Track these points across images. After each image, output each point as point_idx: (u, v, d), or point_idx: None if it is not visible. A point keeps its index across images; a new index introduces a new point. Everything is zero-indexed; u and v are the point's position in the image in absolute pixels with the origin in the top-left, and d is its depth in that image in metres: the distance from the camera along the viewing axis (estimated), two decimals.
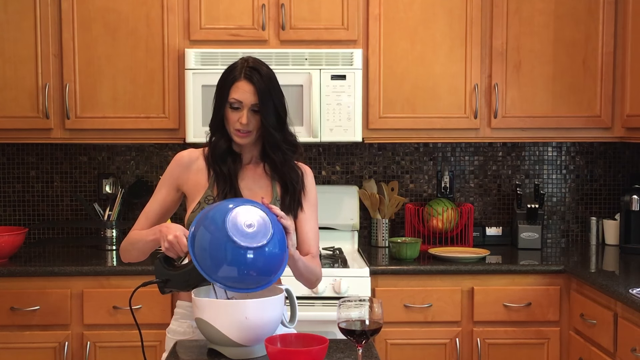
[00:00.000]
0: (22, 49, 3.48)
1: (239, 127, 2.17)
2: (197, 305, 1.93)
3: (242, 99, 2.16)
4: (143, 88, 3.51)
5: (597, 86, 3.57)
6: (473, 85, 3.54)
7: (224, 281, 1.89)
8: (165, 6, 3.48)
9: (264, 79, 2.17)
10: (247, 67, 2.18)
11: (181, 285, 1.98)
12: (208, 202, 2.19)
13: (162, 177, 2.32)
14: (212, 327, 1.89)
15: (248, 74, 2.16)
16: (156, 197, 2.30)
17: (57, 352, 3.27)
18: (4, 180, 3.89)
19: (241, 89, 2.16)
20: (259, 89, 2.15)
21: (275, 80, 2.21)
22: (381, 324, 1.85)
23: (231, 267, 1.87)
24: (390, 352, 3.30)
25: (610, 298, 2.90)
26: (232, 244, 1.86)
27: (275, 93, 2.18)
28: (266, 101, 2.16)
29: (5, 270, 3.25)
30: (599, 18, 3.55)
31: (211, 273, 1.89)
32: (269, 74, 2.19)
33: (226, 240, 1.86)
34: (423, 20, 3.53)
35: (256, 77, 2.16)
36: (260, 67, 2.19)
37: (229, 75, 2.20)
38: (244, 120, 2.16)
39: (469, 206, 3.77)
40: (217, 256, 1.87)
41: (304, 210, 2.29)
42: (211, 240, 1.88)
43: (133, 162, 3.91)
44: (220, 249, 1.87)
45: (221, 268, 1.87)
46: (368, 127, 3.55)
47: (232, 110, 2.18)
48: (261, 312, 1.88)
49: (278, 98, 2.19)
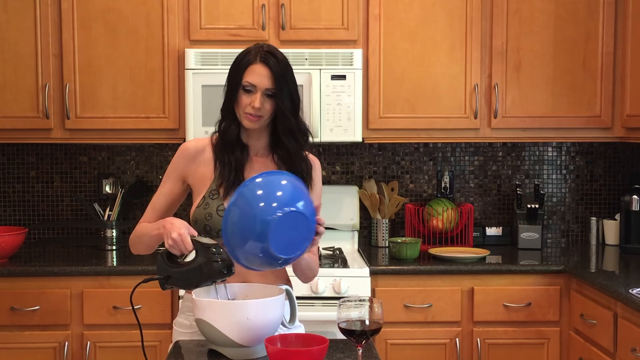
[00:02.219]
0: (22, 49, 3.48)
1: (250, 111, 2.14)
2: (197, 305, 1.93)
3: (256, 82, 2.13)
4: (143, 88, 3.51)
5: (597, 86, 3.57)
6: (473, 86, 3.54)
7: (249, 254, 1.89)
8: (165, 6, 3.48)
9: (280, 63, 2.14)
10: (263, 51, 2.15)
11: (182, 283, 1.97)
12: (213, 198, 2.16)
13: (168, 169, 2.29)
14: (212, 328, 1.89)
15: (264, 58, 2.13)
16: (162, 189, 2.28)
17: (57, 352, 3.27)
18: (4, 180, 3.89)
19: (256, 72, 2.13)
20: (275, 73, 2.12)
21: (290, 67, 2.18)
22: (381, 324, 1.85)
23: (256, 242, 1.87)
24: (390, 352, 3.30)
25: (610, 298, 2.90)
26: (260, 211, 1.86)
27: (290, 78, 2.16)
28: (282, 85, 2.13)
29: (5, 270, 3.25)
30: (599, 18, 3.55)
31: (237, 248, 1.89)
32: (284, 60, 2.17)
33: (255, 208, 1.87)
34: (423, 20, 3.53)
35: (272, 61, 2.13)
36: (276, 52, 2.17)
37: (243, 58, 2.17)
38: (257, 104, 2.12)
39: (469, 206, 3.77)
40: (245, 228, 1.87)
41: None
42: (240, 214, 1.88)
43: (133, 162, 3.91)
44: (249, 220, 1.87)
45: (248, 242, 1.87)
46: (368, 127, 3.55)
47: (244, 93, 2.15)
48: (262, 312, 1.88)
49: (293, 84, 2.17)
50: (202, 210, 2.17)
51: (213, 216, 2.15)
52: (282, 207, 1.89)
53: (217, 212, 2.15)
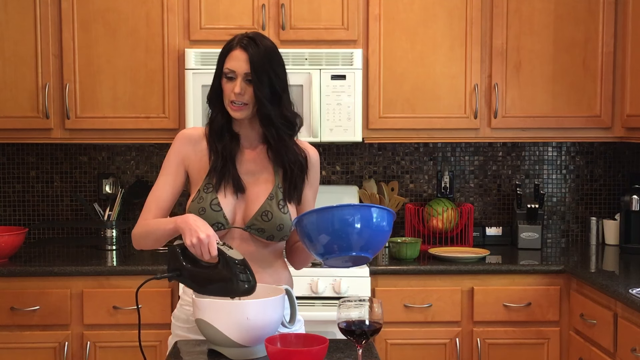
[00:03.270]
0: (22, 49, 3.48)
1: (233, 99, 2.10)
2: (197, 305, 1.92)
3: (235, 67, 2.11)
4: (143, 88, 3.51)
5: (597, 86, 3.57)
6: (473, 86, 3.54)
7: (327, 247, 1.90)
8: (165, 6, 3.48)
9: (260, 49, 2.11)
10: (245, 36, 2.13)
11: (195, 285, 1.94)
12: (207, 191, 2.13)
13: (167, 159, 2.23)
14: (212, 328, 1.89)
15: (244, 43, 2.11)
16: (166, 180, 2.20)
17: (57, 352, 3.27)
18: (4, 180, 3.89)
19: (235, 57, 2.11)
20: (252, 58, 2.09)
21: (275, 53, 2.14)
22: (381, 324, 1.85)
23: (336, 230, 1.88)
24: (390, 352, 3.30)
25: (610, 298, 2.90)
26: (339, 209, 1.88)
27: (272, 65, 2.11)
28: (260, 71, 2.09)
29: (5, 270, 3.25)
30: (599, 18, 3.55)
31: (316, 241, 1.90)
32: (267, 46, 2.13)
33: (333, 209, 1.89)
34: (423, 20, 3.53)
35: (252, 46, 2.10)
36: (259, 38, 2.13)
37: (226, 46, 2.16)
38: (237, 90, 2.09)
39: (469, 206, 3.77)
40: (324, 222, 1.89)
41: (305, 196, 2.22)
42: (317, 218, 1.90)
43: (133, 162, 3.91)
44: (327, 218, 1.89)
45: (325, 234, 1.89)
46: (368, 127, 3.55)
47: (227, 81, 2.12)
48: (262, 312, 1.88)
49: (274, 70, 2.12)
50: (196, 204, 2.13)
51: (207, 211, 2.11)
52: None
53: (211, 207, 2.11)
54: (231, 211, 2.14)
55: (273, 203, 2.15)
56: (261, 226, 2.14)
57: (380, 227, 1.91)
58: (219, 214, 2.12)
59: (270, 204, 2.14)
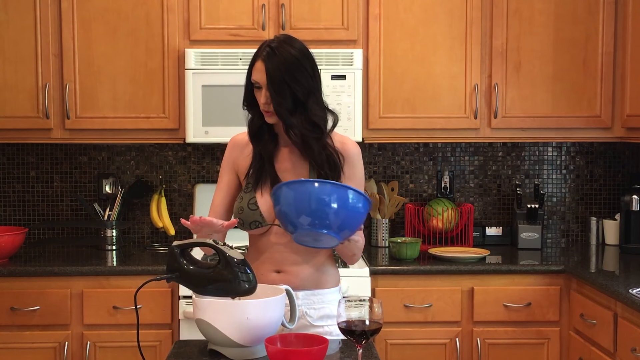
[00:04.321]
0: (22, 49, 3.48)
1: (261, 107, 2.17)
2: (197, 306, 1.93)
3: (258, 79, 2.15)
4: (143, 88, 3.51)
5: (597, 86, 3.57)
6: (473, 85, 3.54)
7: (304, 226, 1.92)
8: (165, 6, 3.48)
9: (278, 60, 2.12)
10: (268, 45, 2.16)
11: (193, 285, 1.95)
12: (247, 191, 2.22)
13: (222, 165, 2.33)
14: (212, 328, 1.89)
15: (264, 54, 2.14)
16: (220, 186, 2.30)
17: (57, 352, 3.27)
18: (4, 180, 3.89)
19: (257, 69, 2.16)
20: (268, 70, 2.12)
21: (295, 60, 2.13)
22: (381, 324, 1.85)
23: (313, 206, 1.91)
24: (390, 352, 3.30)
25: (610, 298, 2.90)
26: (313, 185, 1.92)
27: (291, 74, 2.11)
28: (277, 84, 2.11)
29: (5, 270, 3.25)
30: (599, 18, 3.55)
31: (294, 219, 1.92)
32: (287, 55, 2.12)
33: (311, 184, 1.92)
34: (423, 20, 3.53)
35: (270, 58, 2.13)
36: (282, 47, 2.14)
37: (255, 52, 2.20)
38: (262, 100, 2.14)
39: (469, 206, 3.77)
40: (301, 199, 1.92)
41: None
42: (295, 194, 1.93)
43: (133, 162, 3.91)
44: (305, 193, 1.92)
45: (303, 214, 1.91)
46: (368, 127, 3.55)
47: (256, 90, 2.18)
48: (262, 312, 1.88)
49: (295, 79, 2.12)
50: (237, 204, 2.23)
51: (244, 210, 2.20)
52: None
53: (248, 206, 2.19)
54: (268, 209, 2.19)
55: None
56: None
57: (355, 209, 1.93)
58: (256, 212, 2.18)
59: None
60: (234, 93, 3.35)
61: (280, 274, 2.22)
